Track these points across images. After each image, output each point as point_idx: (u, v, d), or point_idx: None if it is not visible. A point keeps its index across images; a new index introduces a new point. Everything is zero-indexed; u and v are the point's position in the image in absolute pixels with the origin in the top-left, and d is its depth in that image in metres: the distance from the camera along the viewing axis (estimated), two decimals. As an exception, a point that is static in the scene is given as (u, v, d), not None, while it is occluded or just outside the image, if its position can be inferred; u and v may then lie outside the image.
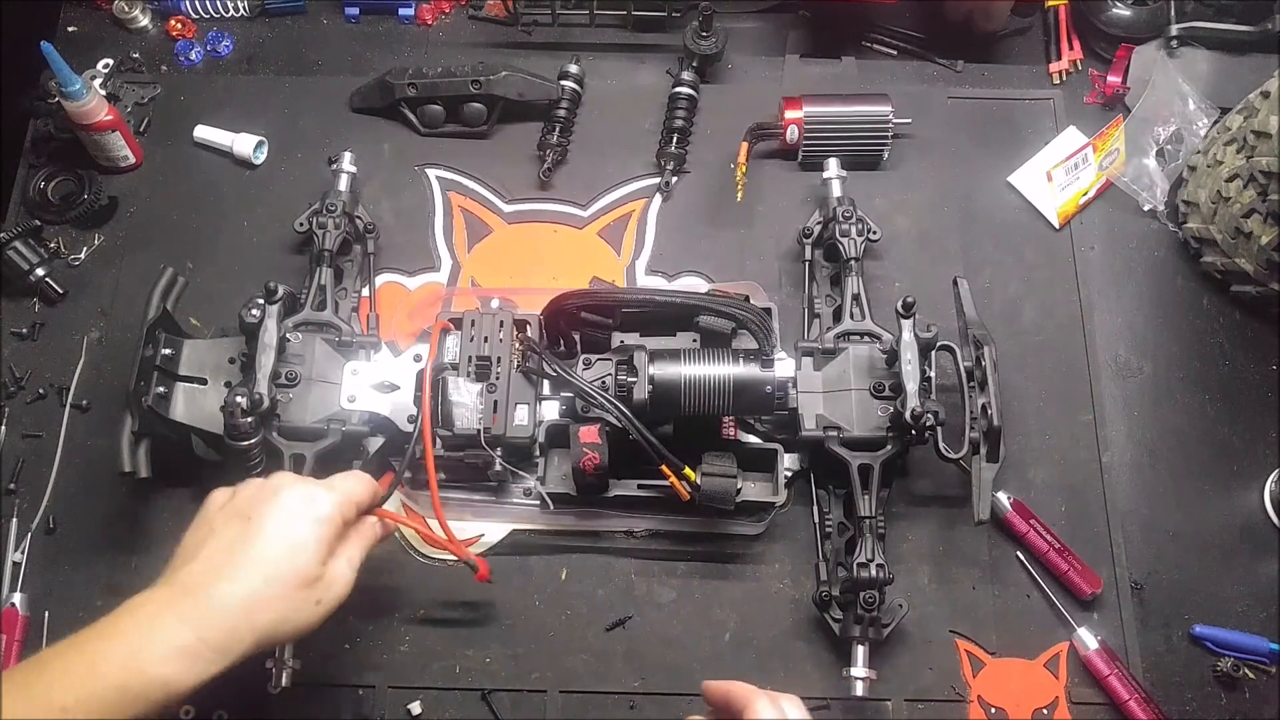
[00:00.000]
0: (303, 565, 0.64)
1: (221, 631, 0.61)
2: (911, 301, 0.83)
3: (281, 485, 0.67)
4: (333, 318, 0.89)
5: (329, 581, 0.66)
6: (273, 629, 0.63)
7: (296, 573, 0.64)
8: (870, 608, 0.80)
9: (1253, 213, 0.92)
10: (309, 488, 0.68)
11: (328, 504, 0.67)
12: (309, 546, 0.65)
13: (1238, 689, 0.86)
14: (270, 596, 0.63)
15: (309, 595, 0.65)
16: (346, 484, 0.70)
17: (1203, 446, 0.94)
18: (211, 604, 0.61)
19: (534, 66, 1.04)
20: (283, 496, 0.66)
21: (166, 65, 1.09)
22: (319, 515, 0.66)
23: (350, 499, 0.70)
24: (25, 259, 0.95)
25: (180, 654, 0.60)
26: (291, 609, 0.64)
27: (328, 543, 0.66)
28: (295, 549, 0.65)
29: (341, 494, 0.69)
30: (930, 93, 1.08)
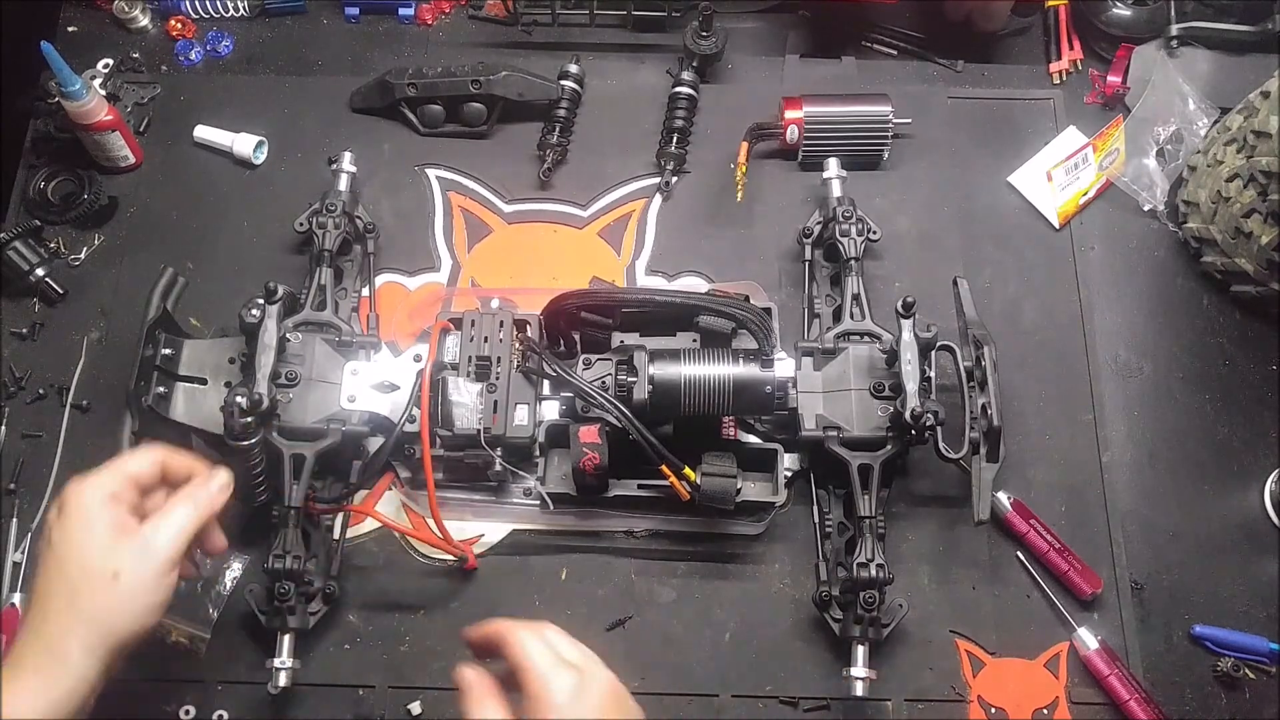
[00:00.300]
0: (89, 556, 0.64)
1: (47, 654, 0.62)
2: (911, 301, 0.83)
3: (63, 495, 0.67)
4: (333, 318, 0.89)
5: (133, 554, 0.64)
6: (96, 625, 0.62)
7: (84, 565, 0.63)
8: (870, 608, 0.80)
9: (1253, 212, 0.92)
10: (74, 484, 0.67)
11: (93, 488, 0.66)
12: (85, 537, 0.64)
13: (1238, 689, 0.86)
14: (68, 597, 0.63)
15: (108, 580, 0.63)
16: (118, 461, 0.69)
17: (1202, 446, 0.94)
18: (32, 636, 0.62)
19: (534, 66, 1.04)
20: (58, 506, 0.66)
21: (166, 65, 1.09)
22: (85, 504, 0.65)
23: (123, 473, 0.68)
24: (25, 259, 0.95)
25: None
26: (96, 598, 0.63)
27: (104, 524, 0.65)
28: (75, 544, 0.64)
29: (109, 472, 0.67)
30: (930, 93, 1.08)
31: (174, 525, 0.67)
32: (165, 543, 0.66)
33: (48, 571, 0.64)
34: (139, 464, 0.69)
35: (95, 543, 0.64)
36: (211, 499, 0.70)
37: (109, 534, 0.65)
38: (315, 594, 0.83)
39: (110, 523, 0.65)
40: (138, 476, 0.69)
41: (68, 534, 0.65)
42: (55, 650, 0.61)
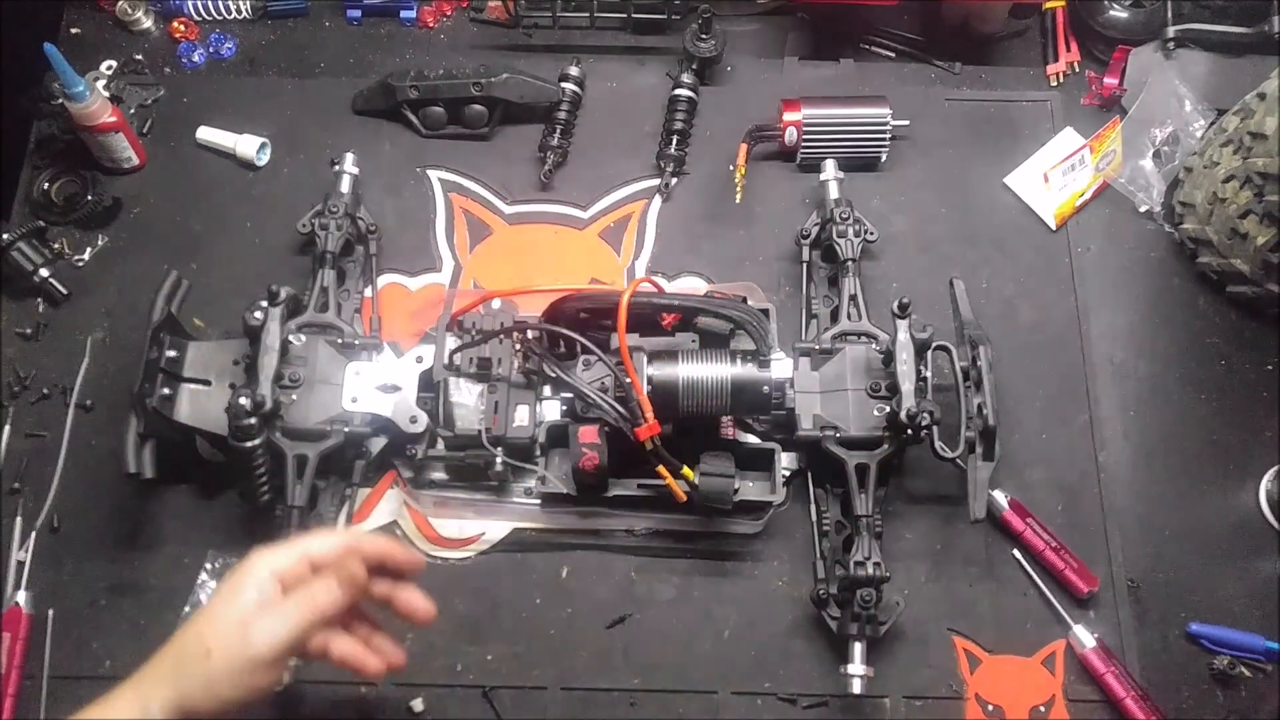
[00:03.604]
0: (204, 624, 0.64)
1: (135, 702, 0.63)
2: (907, 302, 0.83)
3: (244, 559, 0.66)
4: (335, 319, 0.89)
5: (230, 637, 0.63)
6: (179, 693, 0.63)
7: (197, 631, 0.64)
8: (867, 605, 0.81)
9: (1249, 213, 0.92)
10: (255, 552, 0.66)
11: (263, 562, 0.65)
12: (219, 605, 0.65)
13: (1234, 687, 0.86)
14: (174, 656, 0.64)
15: (201, 655, 0.63)
16: (301, 540, 0.68)
17: (1199, 446, 0.95)
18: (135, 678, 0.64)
19: (535, 69, 1.05)
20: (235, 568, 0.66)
21: (169, 67, 1.09)
22: (244, 574, 0.65)
23: (300, 552, 0.67)
24: (29, 260, 0.96)
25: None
26: (187, 667, 0.63)
27: (243, 600, 0.64)
28: (211, 607, 0.65)
29: (286, 550, 0.67)
30: (928, 94, 1.08)
31: (278, 621, 0.64)
32: (263, 636, 0.64)
33: (184, 626, 0.65)
34: (321, 546, 0.68)
35: (219, 614, 0.65)
36: (335, 604, 0.67)
37: (226, 609, 0.65)
38: (318, 592, 0.83)
39: (252, 600, 0.65)
40: (317, 559, 0.67)
41: (216, 594, 0.66)
42: (141, 700, 0.63)
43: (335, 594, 0.66)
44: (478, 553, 0.89)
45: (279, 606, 0.65)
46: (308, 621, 0.65)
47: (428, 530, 0.90)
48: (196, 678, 0.63)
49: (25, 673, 0.84)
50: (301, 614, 0.65)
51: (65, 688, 0.84)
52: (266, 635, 0.64)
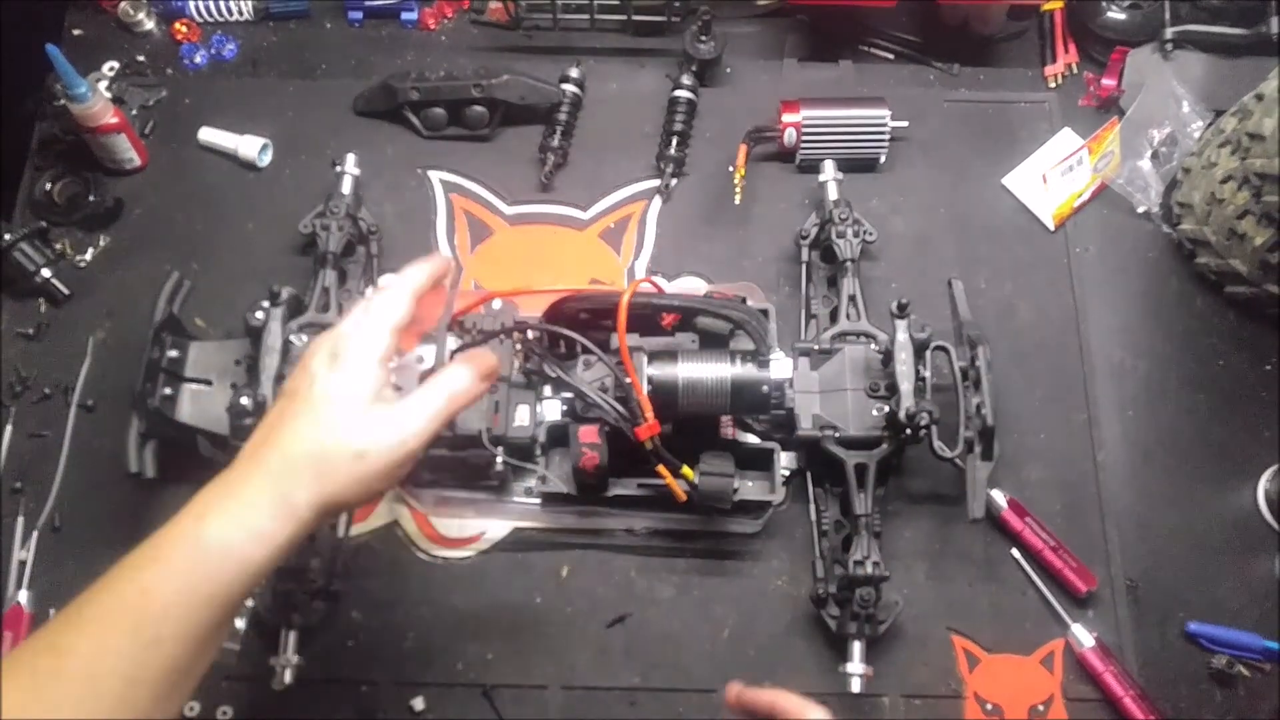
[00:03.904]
0: (348, 424, 0.61)
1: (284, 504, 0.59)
2: (906, 302, 0.83)
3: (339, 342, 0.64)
4: (336, 319, 0.89)
5: (383, 436, 0.62)
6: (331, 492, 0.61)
7: (338, 431, 0.61)
8: (866, 605, 0.81)
9: (1246, 214, 0.93)
10: (353, 335, 0.64)
11: (372, 347, 0.64)
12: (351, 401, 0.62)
13: (1233, 686, 0.86)
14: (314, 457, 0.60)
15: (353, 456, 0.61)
16: (382, 314, 0.66)
17: (1197, 445, 0.95)
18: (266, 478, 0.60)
19: (535, 70, 1.05)
20: (332, 352, 0.63)
21: (171, 68, 1.10)
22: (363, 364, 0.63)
23: (391, 330, 0.65)
24: (31, 260, 0.96)
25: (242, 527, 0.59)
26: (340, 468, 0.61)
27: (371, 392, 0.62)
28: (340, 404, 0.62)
29: (381, 331, 0.65)
30: (927, 96, 1.09)
31: (426, 412, 0.63)
32: (417, 431, 0.63)
33: (305, 416, 0.62)
34: (400, 313, 0.66)
35: (357, 410, 0.62)
36: (473, 389, 0.66)
37: (371, 406, 0.62)
38: (319, 591, 0.83)
39: (375, 393, 0.63)
40: (400, 327, 0.66)
41: (330, 392, 0.62)
42: (291, 502, 0.60)
43: (476, 387, 0.66)
44: (478, 552, 0.90)
45: (427, 396, 0.64)
46: (453, 412, 0.65)
47: (428, 529, 0.90)
48: (348, 478, 0.61)
49: (27, 671, 0.84)
50: (449, 405, 0.64)
51: (67, 686, 0.84)
52: (417, 428, 0.63)
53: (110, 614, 0.57)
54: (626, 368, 0.78)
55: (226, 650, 0.84)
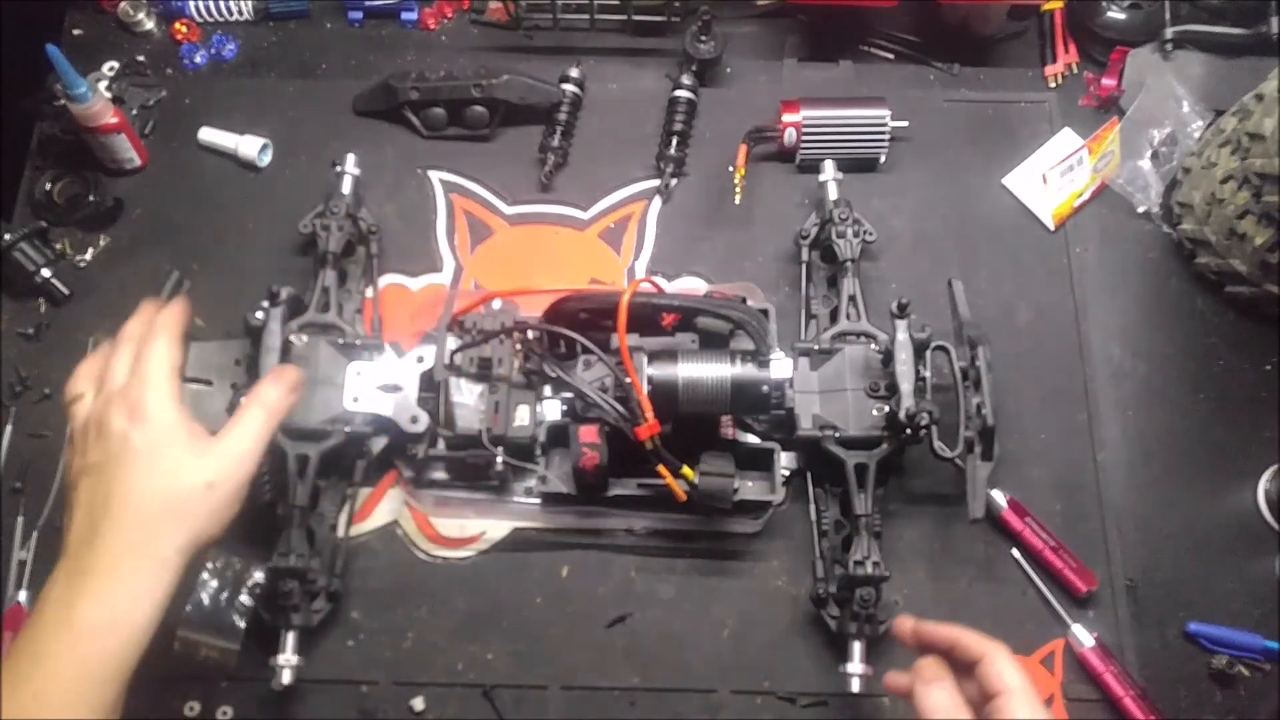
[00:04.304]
0: (181, 466, 0.65)
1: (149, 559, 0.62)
2: (906, 303, 0.83)
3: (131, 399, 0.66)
4: (336, 320, 0.90)
5: (222, 464, 0.66)
6: (192, 532, 0.64)
7: (177, 474, 0.64)
8: (866, 605, 0.81)
9: (1246, 214, 0.93)
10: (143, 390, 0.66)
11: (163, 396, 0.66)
12: (171, 447, 0.65)
13: (1233, 686, 0.86)
14: (164, 503, 0.63)
15: (203, 490, 0.65)
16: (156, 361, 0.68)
17: (1197, 445, 0.95)
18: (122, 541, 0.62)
19: (535, 70, 1.05)
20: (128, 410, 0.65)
21: (171, 68, 1.09)
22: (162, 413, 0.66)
23: (173, 371, 0.68)
24: (31, 260, 0.96)
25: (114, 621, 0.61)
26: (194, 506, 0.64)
27: (184, 433, 0.66)
28: (162, 454, 0.65)
29: (165, 378, 0.67)
30: (927, 96, 1.09)
31: (253, 432, 0.69)
32: (249, 451, 0.68)
33: (138, 470, 0.64)
34: (174, 358, 0.69)
35: (182, 453, 0.65)
36: (283, 401, 0.72)
37: (192, 444, 0.66)
38: (319, 592, 0.83)
39: (188, 432, 0.66)
40: (177, 370, 0.70)
41: (153, 442, 0.65)
42: (156, 555, 0.62)
43: (286, 398, 0.72)
44: (478, 552, 0.90)
45: (245, 419, 0.69)
46: (274, 425, 0.70)
47: (428, 529, 0.90)
48: (206, 511, 0.65)
49: (27, 672, 0.84)
50: (270, 419, 0.70)
51: (67, 686, 0.84)
52: (250, 449, 0.68)
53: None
54: (626, 368, 0.78)
55: (226, 650, 0.84)
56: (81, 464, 0.67)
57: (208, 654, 0.84)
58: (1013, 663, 0.65)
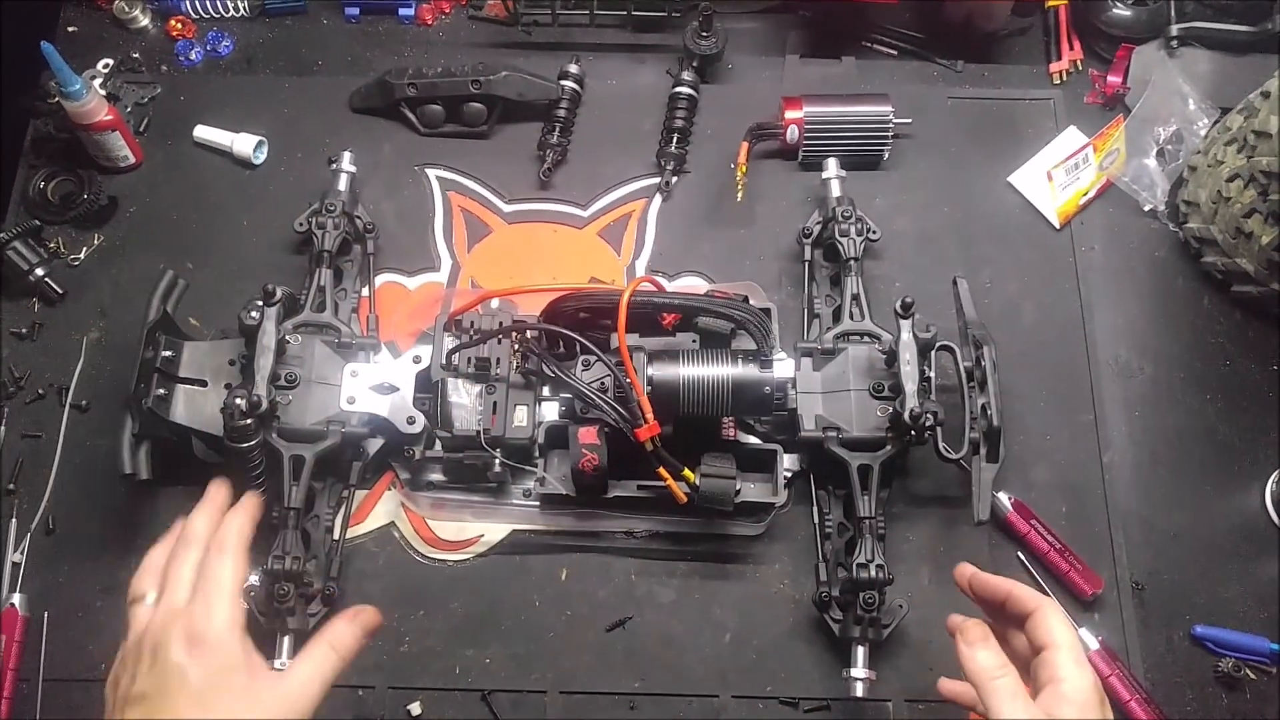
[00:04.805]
0: (236, 705, 0.60)
1: None
2: (910, 302, 0.83)
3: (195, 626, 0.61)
4: (332, 319, 0.89)
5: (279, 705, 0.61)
6: None
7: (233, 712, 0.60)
8: (870, 608, 0.80)
9: (1253, 213, 0.92)
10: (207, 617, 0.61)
11: (229, 624, 0.62)
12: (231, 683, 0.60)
13: (1239, 689, 0.86)
14: None
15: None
16: (222, 580, 0.63)
17: (1203, 447, 0.94)
18: None
19: (534, 66, 1.04)
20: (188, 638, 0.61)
21: (166, 65, 1.09)
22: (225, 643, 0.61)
23: (238, 590, 0.64)
24: (25, 259, 0.95)
25: None
26: None
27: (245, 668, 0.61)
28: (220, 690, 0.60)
29: (232, 601, 0.63)
30: (930, 93, 1.08)
31: (318, 677, 0.64)
32: (311, 697, 0.63)
33: (187, 713, 0.59)
34: (239, 575, 0.65)
35: (240, 697, 0.60)
36: (356, 644, 0.67)
37: (251, 684, 0.61)
38: (315, 595, 0.83)
39: (248, 669, 0.62)
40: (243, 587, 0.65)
41: (211, 681, 0.60)
42: None
43: (359, 643, 0.67)
44: (476, 555, 0.89)
45: (312, 658, 0.64)
46: (341, 666, 0.65)
47: (425, 532, 0.89)
48: None
49: (20, 675, 0.84)
50: (339, 659, 0.65)
51: (60, 690, 0.83)
52: (311, 692, 0.63)
53: None
54: (626, 368, 0.77)
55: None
56: (129, 690, 0.61)
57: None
58: (1063, 618, 0.65)
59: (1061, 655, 0.62)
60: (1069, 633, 0.64)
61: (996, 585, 0.70)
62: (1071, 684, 0.61)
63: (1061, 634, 0.63)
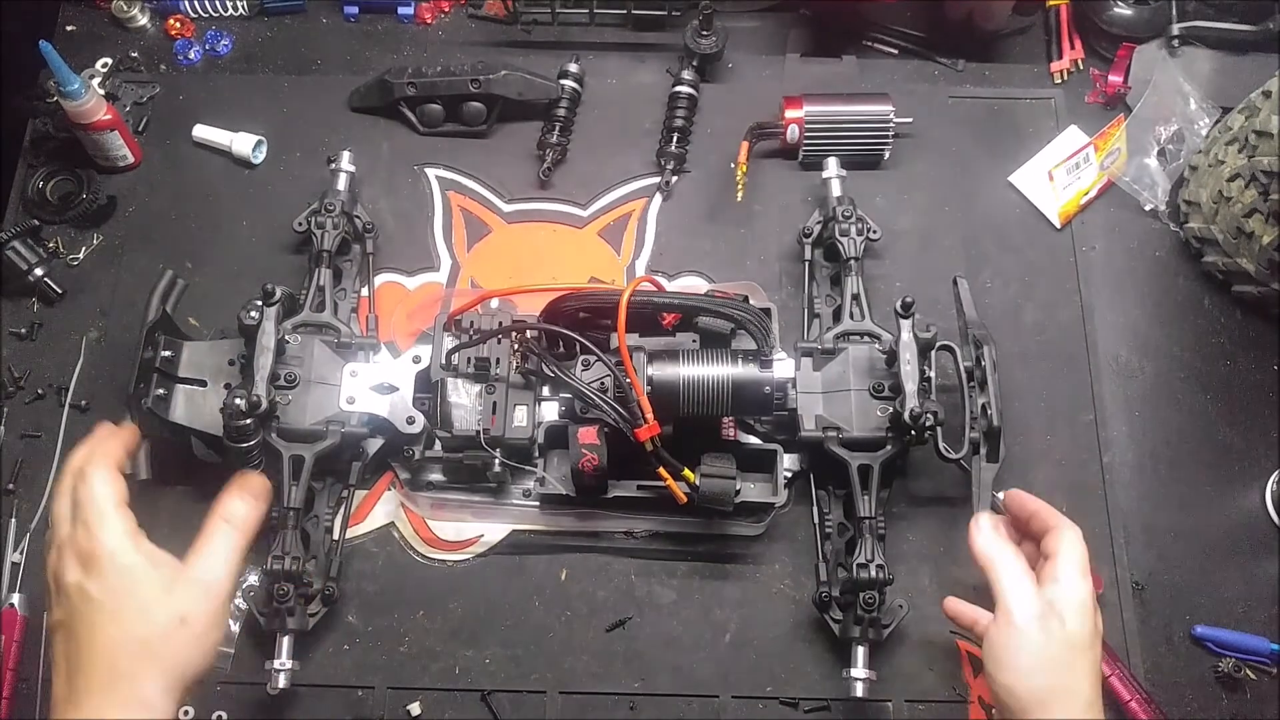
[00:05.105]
0: (149, 605, 0.63)
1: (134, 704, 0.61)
2: (910, 302, 0.82)
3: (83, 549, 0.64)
4: (331, 319, 0.89)
5: (193, 597, 0.64)
6: (173, 669, 0.62)
7: (145, 614, 0.62)
8: (870, 608, 0.80)
9: (1254, 212, 0.92)
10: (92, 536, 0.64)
11: (115, 534, 0.64)
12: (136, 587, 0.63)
13: (1239, 689, 0.86)
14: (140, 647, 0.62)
15: (176, 626, 0.63)
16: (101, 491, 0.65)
17: (1204, 447, 0.94)
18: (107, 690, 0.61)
19: (534, 65, 1.04)
20: (80, 560, 0.63)
21: (165, 64, 1.08)
22: (117, 555, 0.63)
23: (119, 496, 0.66)
24: (24, 259, 0.95)
25: None
26: (170, 644, 0.62)
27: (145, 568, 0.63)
28: (126, 596, 0.62)
29: (114, 508, 0.65)
30: (931, 92, 1.08)
31: (223, 556, 0.67)
32: (221, 577, 0.66)
33: (101, 627, 0.62)
34: (117, 491, 0.67)
35: (148, 591, 0.63)
36: (253, 514, 0.70)
37: (157, 578, 0.64)
38: (314, 595, 0.83)
39: (150, 566, 0.64)
40: (122, 501, 0.67)
41: (112, 589, 0.63)
42: (138, 699, 0.61)
43: (255, 509, 0.70)
44: (475, 555, 0.89)
45: (213, 542, 0.67)
46: (245, 542, 0.68)
47: (425, 532, 0.89)
48: (184, 647, 0.63)
49: (20, 675, 0.84)
50: (242, 537, 0.68)
51: (59, 691, 0.83)
52: (222, 575, 0.66)
53: None
54: (626, 368, 0.77)
55: (222, 654, 0.84)
56: (50, 622, 0.65)
57: (203, 659, 0.83)
58: (1077, 537, 0.72)
59: (1064, 561, 0.70)
60: (1078, 547, 0.71)
61: (1024, 500, 0.77)
62: (1068, 585, 0.69)
63: (1070, 546, 0.71)
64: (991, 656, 0.69)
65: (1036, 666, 0.67)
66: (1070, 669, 0.67)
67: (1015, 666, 0.67)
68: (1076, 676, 0.67)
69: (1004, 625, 0.68)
